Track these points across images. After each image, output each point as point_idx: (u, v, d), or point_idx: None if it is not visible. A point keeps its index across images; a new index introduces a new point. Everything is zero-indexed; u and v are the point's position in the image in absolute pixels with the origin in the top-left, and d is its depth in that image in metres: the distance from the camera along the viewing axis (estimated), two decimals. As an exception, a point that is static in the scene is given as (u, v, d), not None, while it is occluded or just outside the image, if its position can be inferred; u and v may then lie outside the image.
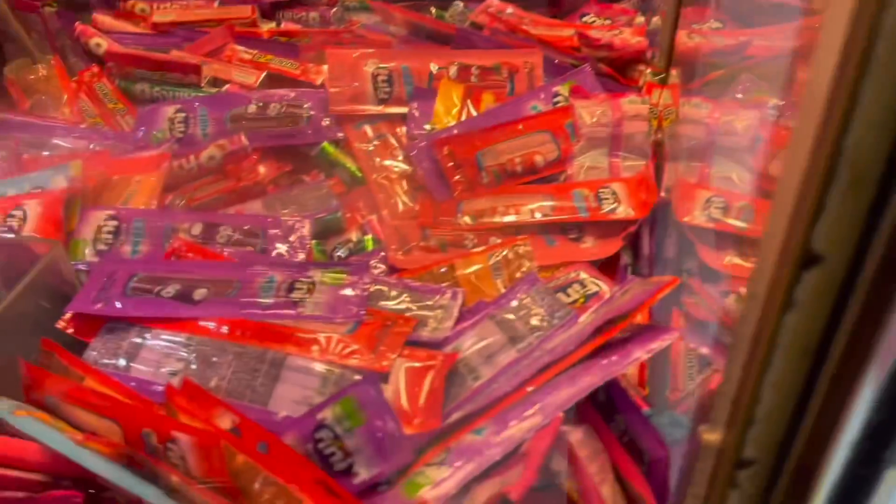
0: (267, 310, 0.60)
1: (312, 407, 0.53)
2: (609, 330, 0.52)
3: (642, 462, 0.51)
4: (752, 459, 0.29)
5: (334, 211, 0.75)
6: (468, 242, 0.70)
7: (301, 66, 0.87)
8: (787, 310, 0.25)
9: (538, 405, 0.49)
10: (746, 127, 0.76)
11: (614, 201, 0.72)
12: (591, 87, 0.82)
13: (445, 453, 0.49)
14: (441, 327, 0.59)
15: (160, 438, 0.51)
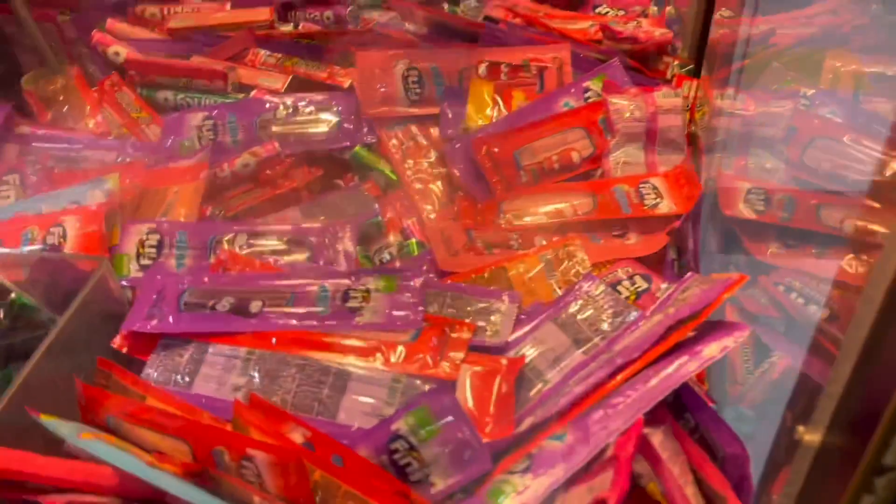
0: (325, 320, 0.60)
1: (384, 418, 0.53)
2: (680, 329, 0.52)
3: (716, 459, 0.51)
4: (891, 466, 0.30)
5: (374, 215, 0.74)
6: (513, 243, 0.70)
7: (327, 69, 0.86)
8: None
9: (618, 408, 0.49)
10: (780, 117, 0.76)
11: (656, 196, 0.72)
12: (622, 82, 0.82)
13: (528, 460, 0.49)
14: (501, 331, 0.59)
15: (233, 456, 0.50)
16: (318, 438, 0.51)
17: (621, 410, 0.49)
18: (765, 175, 0.75)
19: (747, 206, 0.70)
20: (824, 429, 0.38)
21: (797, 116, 0.76)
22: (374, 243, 0.74)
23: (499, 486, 0.48)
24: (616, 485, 0.44)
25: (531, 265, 0.65)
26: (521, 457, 0.50)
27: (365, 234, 0.74)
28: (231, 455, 0.50)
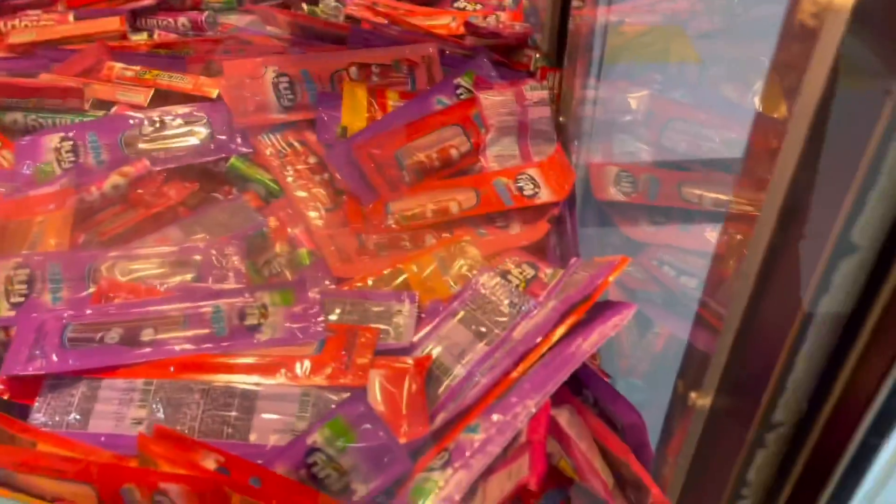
0: (224, 341, 0.58)
1: (298, 433, 0.53)
2: (573, 312, 0.55)
3: (616, 430, 0.55)
4: (781, 422, 0.33)
5: (260, 227, 0.73)
6: (405, 243, 0.71)
7: (192, 80, 0.83)
8: (822, 293, 0.28)
9: (525, 394, 0.52)
10: (638, 103, 0.82)
11: (534, 186, 0.75)
12: (491, 76, 0.85)
13: (446, 454, 0.50)
14: (405, 333, 0.60)
15: (144, 493, 0.49)
16: (233, 462, 0.50)
17: (529, 396, 0.51)
18: (630, 158, 0.80)
19: (617, 189, 0.75)
20: (714, 393, 0.42)
21: (652, 101, 0.82)
22: (262, 255, 0.73)
23: (420, 484, 0.50)
24: (534, 468, 0.46)
25: (426, 264, 0.66)
26: (439, 452, 0.52)
27: (251, 246, 0.72)
28: (142, 492, 0.49)
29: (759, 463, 0.35)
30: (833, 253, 0.27)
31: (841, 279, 0.28)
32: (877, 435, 0.29)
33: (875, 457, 0.30)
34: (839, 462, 0.31)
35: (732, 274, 0.40)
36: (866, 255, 0.27)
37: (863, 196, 0.26)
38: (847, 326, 0.29)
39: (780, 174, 0.32)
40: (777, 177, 0.32)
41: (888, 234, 0.26)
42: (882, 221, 0.26)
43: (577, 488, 0.52)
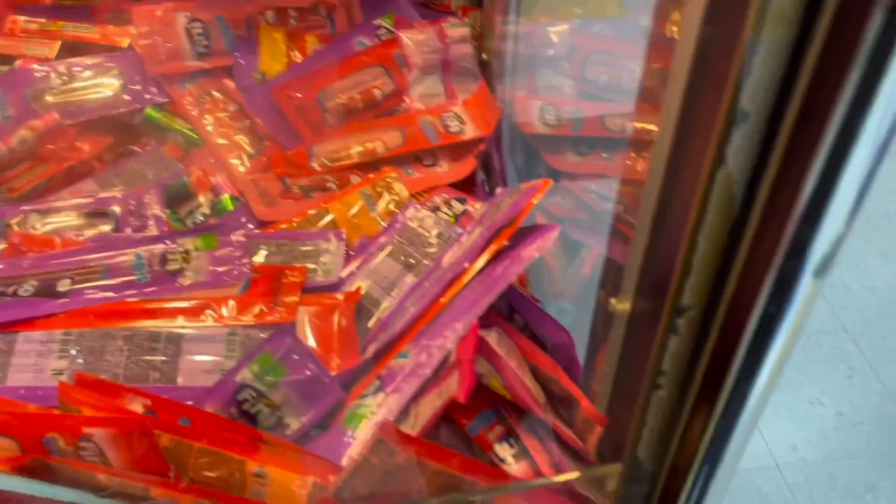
0: (146, 287, 0.57)
1: (227, 371, 0.52)
2: (498, 237, 0.56)
3: (546, 350, 0.56)
4: (689, 305, 0.34)
5: (179, 176, 0.71)
6: (331, 185, 0.70)
7: (100, 30, 0.79)
8: (718, 166, 0.29)
9: (453, 318, 0.52)
10: (560, 37, 0.82)
11: (460, 123, 0.75)
12: (412, 16, 0.84)
13: (378, 381, 0.51)
14: (333, 270, 0.60)
15: (68, 440, 0.47)
16: (160, 403, 0.49)
17: (457, 319, 0.52)
18: (554, 92, 0.80)
19: (541, 123, 0.76)
20: (632, 295, 0.43)
21: (574, 35, 0.82)
22: (185, 205, 0.71)
23: (354, 411, 0.50)
24: (462, 383, 0.46)
25: (352, 202, 0.66)
26: (371, 380, 0.52)
27: (173, 196, 0.70)
28: (65, 439, 0.47)
29: (672, 350, 0.36)
30: (725, 123, 0.28)
31: (734, 149, 0.28)
32: (774, 304, 0.30)
33: (776, 326, 0.31)
34: (742, 338, 0.32)
35: (646, 178, 0.41)
36: (757, 121, 0.27)
37: (749, 60, 0.26)
38: (743, 198, 0.30)
39: (677, 75, 0.32)
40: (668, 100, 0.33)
41: (776, 99, 0.27)
42: (769, 87, 0.27)
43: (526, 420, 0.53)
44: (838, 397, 1.55)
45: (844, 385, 1.57)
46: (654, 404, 0.39)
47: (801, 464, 1.44)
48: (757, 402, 0.35)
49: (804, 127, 0.26)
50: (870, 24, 0.22)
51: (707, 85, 0.30)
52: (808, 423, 1.51)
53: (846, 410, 1.53)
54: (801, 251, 0.28)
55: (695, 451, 0.38)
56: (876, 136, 0.25)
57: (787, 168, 0.27)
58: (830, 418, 1.52)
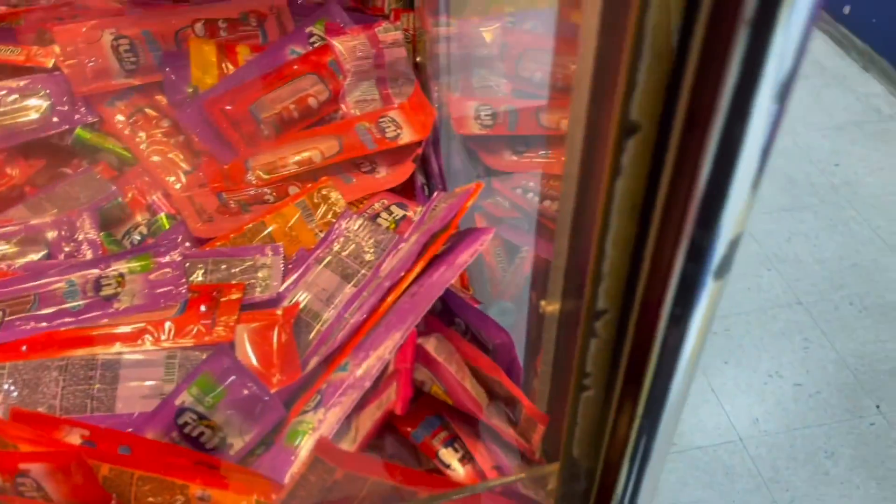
0: (80, 315, 0.56)
1: (166, 396, 0.52)
2: (434, 243, 0.56)
3: (488, 351, 0.57)
4: (605, 309, 0.35)
5: (113, 197, 0.70)
6: (269, 198, 0.70)
7: (24, 51, 0.77)
8: (616, 176, 0.30)
9: (391, 327, 0.52)
10: (493, 37, 0.82)
11: (396, 128, 0.75)
12: (344, 22, 0.83)
13: (319, 396, 0.51)
14: (271, 285, 0.60)
15: (5, 477, 0.47)
16: (99, 433, 0.49)
17: (394, 328, 0.52)
18: (489, 92, 0.80)
19: (478, 123, 0.76)
20: (559, 297, 0.43)
21: (506, 34, 0.82)
22: (121, 227, 0.70)
23: (295, 427, 0.50)
24: (399, 393, 0.47)
25: (289, 215, 0.66)
26: (312, 395, 0.52)
27: (107, 218, 0.69)
28: (2, 476, 0.47)
29: (593, 352, 0.37)
30: (618, 134, 0.28)
31: (629, 159, 0.29)
32: (679, 305, 0.31)
33: (684, 326, 0.32)
34: (655, 338, 0.32)
35: (561, 195, 0.42)
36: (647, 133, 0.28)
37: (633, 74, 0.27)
38: (643, 205, 0.30)
39: (580, 84, 0.33)
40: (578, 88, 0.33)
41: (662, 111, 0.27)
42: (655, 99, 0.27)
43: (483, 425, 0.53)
44: (795, 368, 1.59)
45: (801, 356, 1.61)
46: (583, 404, 0.40)
47: (764, 436, 1.48)
48: (676, 397, 0.35)
49: (691, 135, 0.27)
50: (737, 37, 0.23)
51: (603, 98, 0.31)
52: (768, 395, 1.54)
53: (804, 381, 1.57)
54: (699, 255, 0.29)
55: (624, 447, 0.39)
56: (759, 139, 0.26)
57: (679, 176, 0.28)
58: (789, 389, 1.55)
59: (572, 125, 0.36)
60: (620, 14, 0.27)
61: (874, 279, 1.75)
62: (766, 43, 0.23)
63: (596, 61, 0.32)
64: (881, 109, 2.24)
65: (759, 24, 0.22)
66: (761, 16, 0.22)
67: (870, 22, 2.33)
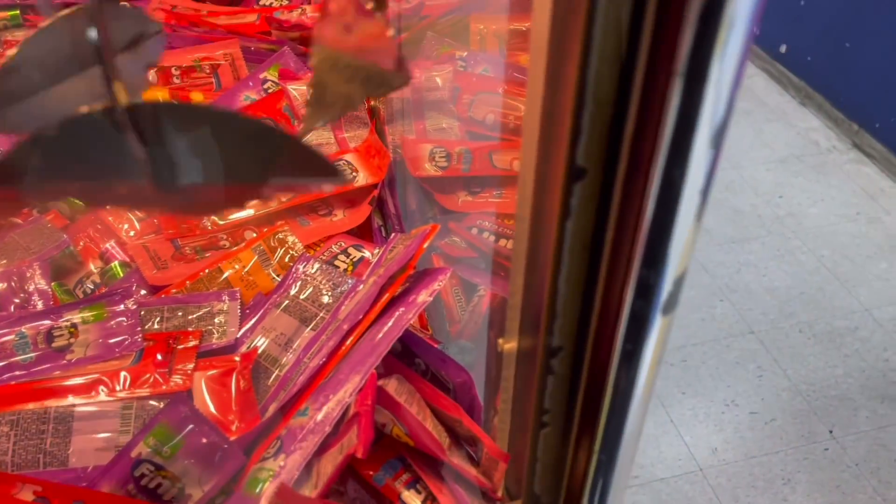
0: (31, 367, 0.55)
1: (122, 447, 0.51)
2: (392, 285, 0.56)
3: (448, 391, 0.57)
4: (560, 346, 0.36)
5: (64, 246, 0.69)
6: (224, 243, 0.70)
7: (-28, 100, 0.76)
8: (565, 218, 0.31)
9: (350, 369, 0.52)
10: (445, 80, 0.84)
11: (352, 171, 0.76)
12: (297, 68, 0.85)
13: (279, 441, 0.50)
14: (228, 331, 0.59)
15: (-47, 540, 0.45)
16: (51, 489, 0.48)
17: (354, 371, 0.52)
18: (442, 134, 0.82)
19: (432, 165, 0.77)
20: (516, 336, 0.44)
21: (458, 77, 0.84)
22: (73, 276, 0.69)
23: (255, 475, 0.49)
24: (361, 436, 0.47)
25: (246, 260, 0.65)
26: (272, 441, 0.51)
27: (59, 268, 0.68)
28: (-51, 539, 0.45)
29: (551, 389, 0.38)
30: (566, 178, 0.29)
31: (577, 202, 0.30)
32: (630, 341, 0.32)
33: (636, 361, 0.33)
34: (609, 373, 0.33)
35: (514, 236, 0.43)
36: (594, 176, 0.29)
37: (578, 122, 0.28)
38: (592, 246, 0.32)
39: (529, 131, 0.34)
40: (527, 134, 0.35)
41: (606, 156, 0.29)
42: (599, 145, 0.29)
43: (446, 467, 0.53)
44: (751, 397, 1.62)
45: (755, 384, 1.65)
46: (543, 441, 0.41)
47: (723, 465, 1.50)
48: (632, 430, 0.36)
49: (635, 179, 0.28)
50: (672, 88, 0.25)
51: (550, 143, 0.32)
52: (725, 424, 1.57)
53: (759, 409, 1.60)
54: (647, 292, 0.30)
55: (584, 482, 0.40)
56: (698, 181, 0.27)
57: (625, 217, 0.29)
58: (745, 418, 1.58)
59: (523, 169, 0.37)
60: (563, 64, 0.28)
61: (821, 307, 1.81)
62: (700, 93, 0.24)
63: (543, 108, 0.33)
64: (819, 143, 2.33)
65: (691, 76, 0.24)
66: (693, 69, 0.24)
67: (805, 60, 2.45)
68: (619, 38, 0.25)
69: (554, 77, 0.30)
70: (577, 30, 0.26)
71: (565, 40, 0.28)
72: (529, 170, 0.36)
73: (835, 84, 2.36)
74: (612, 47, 0.26)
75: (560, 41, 0.29)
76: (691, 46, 0.23)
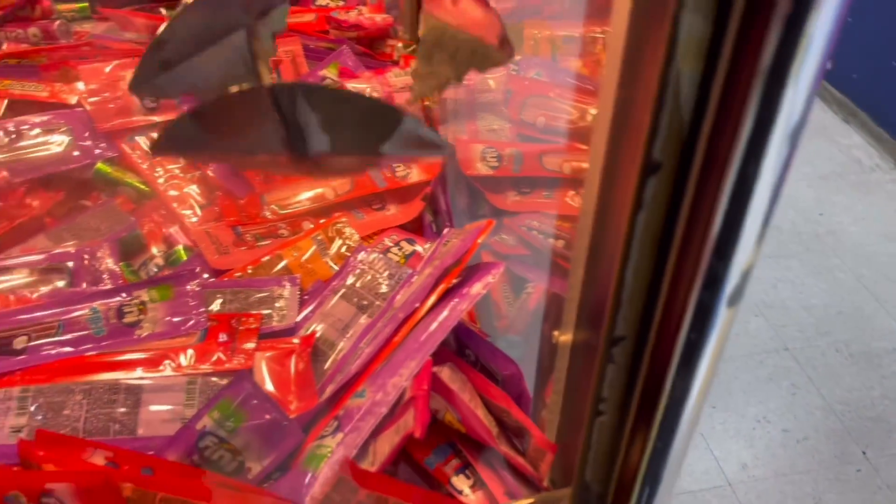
0: (103, 341, 0.58)
1: (187, 420, 0.53)
2: (447, 277, 0.58)
3: (497, 382, 0.59)
4: (623, 336, 0.37)
5: (132, 229, 0.72)
6: (283, 232, 0.72)
7: (47, 88, 0.80)
8: (637, 210, 0.32)
9: (407, 356, 0.54)
10: (498, 83, 0.86)
11: (405, 168, 0.78)
12: (355, 66, 0.87)
13: (336, 421, 0.52)
14: (288, 315, 0.62)
15: (31, 497, 0.48)
16: (122, 455, 0.50)
17: (410, 357, 0.54)
18: (494, 136, 0.84)
19: (484, 165, 0.79)
20: (572, 327, 0.46)
21: (511, 80, 0.86)
22: (138, 258, 0.72)
23: (313, 451, 0.51)
24: (418, 418, 0.49)
25: (305, 248, 0.68)
26: (329, 421, 0.53)
27: (126, 250, 0.71)
28: (28, 496, 0.48)
29: (610, 378, 0.39)
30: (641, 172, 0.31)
31: (650, 195, 0.32)
32: (695, 331, 0.33)
33: (699, 352, 0.34)
34: (671, 361, 0.35)
35: (579, 217, 0.44)
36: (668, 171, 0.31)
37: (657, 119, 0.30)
38: (661, 238, 0.33)
39: (600, 126, 0.36)
40: (598, 129, 0.36)
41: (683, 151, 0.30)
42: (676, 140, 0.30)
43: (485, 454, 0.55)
44: (783, 414, 1.61)
45: (788, 402, 1.64)
46: (598, 429, 0.42)
47: (752, 481, 1.49)
48: (688, 421, 0.38)
49: (709, 173, 0.30)
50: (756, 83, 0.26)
51: (625, 138, 0.34)
52: (756, 440, 1.56)
53: (791, 427, 1.59)
54: (714, 283, 0.31)
55: (636, 472, 0.41)
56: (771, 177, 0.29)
57: (697, 209, 0.31)
58: (777, 435, 1.57)
59: (591, 165, 0.39)
60: (642, 63, 0.30)
61: (859, 326, 1.79)
62: (780, 92, 0.26)
63: (615, 106, 0.35)
64: (862, 161, 2.31)
65: (772, 75, 0.26)
66: (775, 68, 0.25)
67: (850, 77, 2.42)
68: (702, 39, 0.27)
69: (630, 75, 0.32)
70: (662, 33, 0.28)
71: (645, 41, 0.30)
72: (597, 166, 0.38)
73: (879, 102, 2.33)
74: (695, 48, 0.27)
75: (639, 42, 0.31)
76: (776, 46, 0.25)
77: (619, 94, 0.34)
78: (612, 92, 0.35)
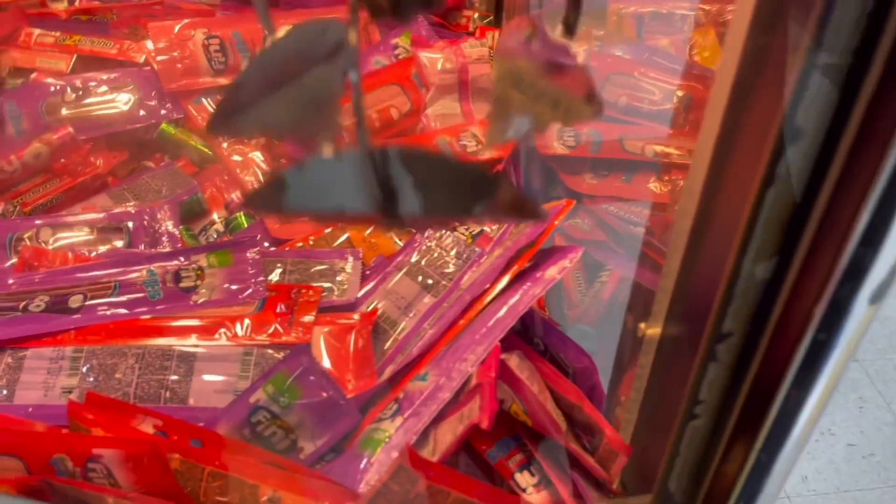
0: (158, 304, 0.56)
1: (240, 392, 0.51)
2: (520, 259, 0.54)
3: (567, 375, 0.55)
4: (730, 332, 0.33)
5: (193, 192, 0.70)
6: (347, 203, 0.69)
7: (117, 45, 0.79)
8: (768, 185, 0.28)
9: (473, 341, 0.50)
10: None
11: (477, 143, 0.74)
12: (429, 36, 0.83)
13: (396, 404, 0.49)
14: (349, 289, 0.59)
15: (77, 461, 0.46)
16: (172, 424, 0.48)
17: (477, 342, 0.50)
18: (571, 114, 0.79)
19: (560, 144, 0.75)
20: (663, 320, 0.41)
21: (593, 57, 0.81)
22: (198, 222, 0.70)
23: (370, 434, 0.48)
24: (485, 407, 0.45)
25: (368, 221, 0.65)
26: (389, 403, 0.50)
27: (186, 213, 0.69)
28: (74, 460, 0.46)
29: (711, 378, 0.35)
30: (776, 140, 0.27)
31: (786, 168, 0.27)
32: (825, 330, 0.29)
33: (826, 354, 0.29)
34: (790, 363, 0.30)
35: (670, 213, 0.40)
36: (812, 140, 0.26)
37: (804, 81, 0.25)
38: (792, 220, 0.28)
39: (711, 117, 0.31)
40: (708, 121, 0.32)
41: (835, 117, 0.26)
42: (825, 105, 0.26)
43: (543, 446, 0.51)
44: (849, 428, 1.53)
45: (855, 415, 1.55)
46: (689, 434, 0.38)
47: (813, 495, 1.42)
48: (801, 435, 0.33)
49: (866, 145, 0.25)
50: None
51: (754, 104, 0.29)
52: (818, 453, 1.48)
53: (857, 441, 1.51)
54: (857, 275, 0.27)
55: (731, 485, 0.37)
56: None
57: (845, 186, 0.26)
58: (841, 449, 1.49)
59: (702, 137, 0.34)
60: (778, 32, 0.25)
61: (939, 341, 1.68)
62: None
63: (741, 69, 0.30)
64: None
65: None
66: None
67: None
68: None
69: (764, 22, 0.27)
70: None
71: None
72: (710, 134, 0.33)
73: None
74: None
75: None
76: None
77: (748, 47, 0.29)
78: (738, 46, 0.30)
